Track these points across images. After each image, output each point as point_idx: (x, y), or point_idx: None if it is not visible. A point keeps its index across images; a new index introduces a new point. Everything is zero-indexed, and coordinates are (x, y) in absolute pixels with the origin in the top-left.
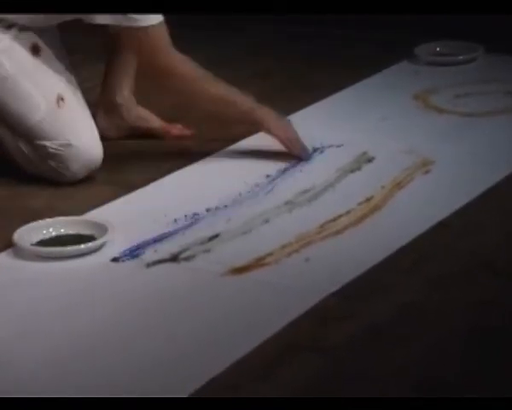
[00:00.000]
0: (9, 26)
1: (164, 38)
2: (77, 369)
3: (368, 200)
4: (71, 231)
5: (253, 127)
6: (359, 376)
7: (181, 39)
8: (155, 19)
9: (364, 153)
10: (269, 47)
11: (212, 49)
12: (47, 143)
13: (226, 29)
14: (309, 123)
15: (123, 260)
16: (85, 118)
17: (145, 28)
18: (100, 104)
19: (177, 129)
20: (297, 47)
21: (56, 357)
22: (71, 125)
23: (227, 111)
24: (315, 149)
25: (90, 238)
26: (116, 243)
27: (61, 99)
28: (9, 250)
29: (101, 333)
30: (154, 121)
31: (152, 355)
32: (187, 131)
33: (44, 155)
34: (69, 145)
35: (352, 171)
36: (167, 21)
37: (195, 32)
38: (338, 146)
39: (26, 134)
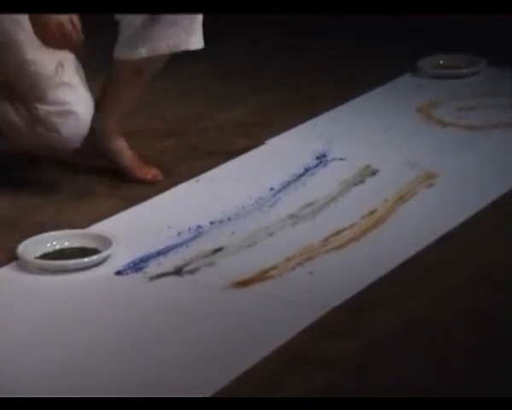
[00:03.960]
0: None
1: None
2: (80, 381)
3: (371, 213)
4: (75, 245)
5: None
6: (362, 389)
7: (181, 53)
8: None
9: (368, 166)
10: (270, 60)
11: (213, 62)
12: (40, 106)
13: (226, 43)
14: (312, 136)
15: (126, 274)
16: (79, 84)
17: None
18: None
19: (150, 174)
20: (298, 60)
21: (59, 369)
22: (65, 89)
23: None
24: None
25: (93, 251)
26: (120, 257)
27: (60, 66)
28: (13, 263)
29: (105, 346)
30: (126, 159)
31: (155, 368)
32: (159, 178)
33: (37, 118)
34: (63, 109)
35: (356, 184)
36: None
37: None
38: (341, 159)
39: (23, 96)
